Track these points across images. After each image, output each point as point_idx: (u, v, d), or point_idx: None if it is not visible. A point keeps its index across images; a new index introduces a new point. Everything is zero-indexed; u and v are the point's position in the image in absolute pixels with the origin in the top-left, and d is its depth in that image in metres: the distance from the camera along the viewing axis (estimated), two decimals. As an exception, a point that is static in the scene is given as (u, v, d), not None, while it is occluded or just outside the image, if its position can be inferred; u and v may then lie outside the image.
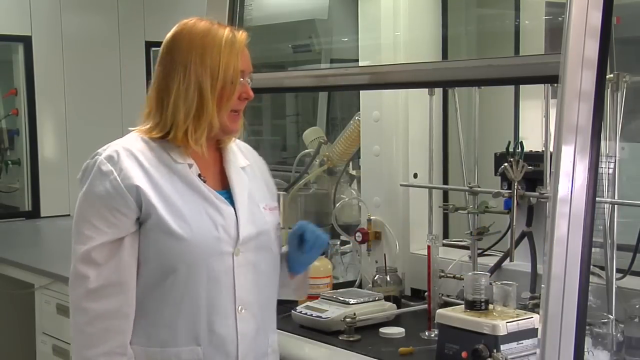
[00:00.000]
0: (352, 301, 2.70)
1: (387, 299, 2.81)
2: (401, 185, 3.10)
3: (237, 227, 1.99)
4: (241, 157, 2.13)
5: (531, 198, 2.66)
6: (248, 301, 2.00)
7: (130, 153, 1.96)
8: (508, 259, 2.68)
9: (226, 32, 2.03)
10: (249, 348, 2.01)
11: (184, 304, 1.94)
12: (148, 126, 2.01)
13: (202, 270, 1.94)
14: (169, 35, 2.05)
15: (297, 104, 6.15)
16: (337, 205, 3.48)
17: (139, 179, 1.93)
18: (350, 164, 3.69)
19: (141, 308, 1.95)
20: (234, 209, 2.01)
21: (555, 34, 3.05)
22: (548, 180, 2.55)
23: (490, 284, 2.34)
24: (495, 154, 2.78)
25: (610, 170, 2.36)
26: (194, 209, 1.96)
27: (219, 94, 1.98)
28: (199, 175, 2.01)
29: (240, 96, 2.04)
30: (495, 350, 2.13)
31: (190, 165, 1.99)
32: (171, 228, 1.92)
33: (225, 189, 2.05)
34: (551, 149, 2.26)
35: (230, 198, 2.03)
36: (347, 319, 2.56)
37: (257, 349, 2.04)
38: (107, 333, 1.90)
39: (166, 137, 1.99)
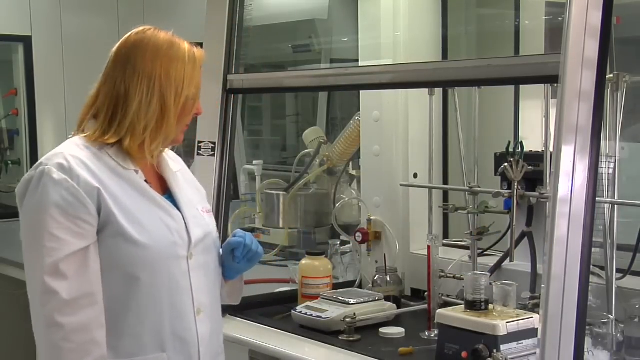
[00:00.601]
0: (352, 301, 2.70)
1: (387, 299, 2.81)
2: (401, 185, 3.10)
3: (187, 231, 1.99)
4: (171, 162, 2.10)
5: (531, 198, 2.65)
6: (204, 303, 2.00)
7: (80, 160, 1.90)
8: (508, 259, 2.68)
9: (187, 46, 2.03)
10: (207, 349, 2.02)
11: (148, 311, 1.92)
12: (96, 132, 1.96)
13: (163, 276, 1.93)
14: (128, 41, 2.01)
15: (297, 104, 6.15)
16: (337, 205, 3.48)
17: (97, 182, 1.89)
18: (350, 164, 3.69)
19: (105, 320, 1.88)
20: (180, 212, 2.00)
21: (555, 34, 3.05)
22: (548, 180, 2.55)
23: (490, 284, 2.34)
24: (495, 154, 2.78)
25: (610, 170, 2.35)
26: (148, 214, 1.94)
27: (180, 109, 1.98)
28: (145, 181, 1.98)
29: (194, 111, 2.04)
30: (495, 350, 2.13)
31: (136, 172, 1.97)
32: (131, 235, 1.89)
33: (166, 194, 2.03)
34: (551, 149, 2.25)
35: (173, 202, 2.02)
36: (347, 319, 2.56)
37: (213, 350, 2.05)
38: (86, 346, 1.84)
39: (113, 144, 1.95)
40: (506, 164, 2.52)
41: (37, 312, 1.85)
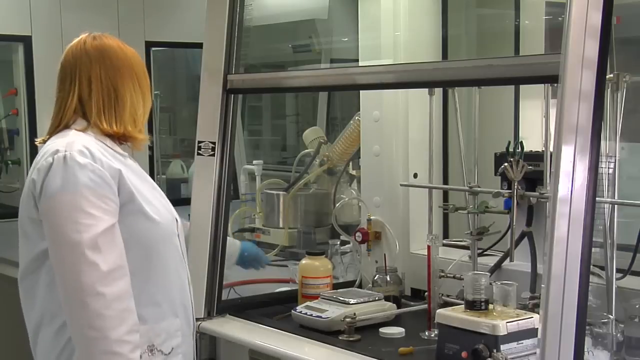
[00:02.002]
0: (352, 301, 2.70)
1: (387, 298, 2.81)
2: (401, 185, 3.10)
3: (173, 211, 2.25)
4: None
5: (531, 198, 2.65)
6: (190, 276, 2.28)
7: (95, 147, 2.09)
8: (508, 258, 2.68)
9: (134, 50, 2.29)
10: (194, 315, 2.29)
11: (165, 281, 2.15)
12: (101, 125, 2.16)
13: (172, 249, 2.18)
14: (91, 46, 2.21)
15: (297, 104, 6.15)
16: (337, 205, 3.48)
17: (117, 166, 2.08)
18: (350, 164, 3.69)
19: None
20: None
21: (555, 34, 3.05)
22: (548, 180, 2.55)
23: (490, 284, 2.34)
24: (495, 153, 2.78)
25: (610, 170, 2.35)
26: (152, 195, 2.17)
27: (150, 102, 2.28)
28: None
29: None
30: (495, 350, 2.13)
31: (132, 160, 2.21)
32: (148, 212, 2.10)
33: None
34: (551, 148, 2.25)
35: None
36: (347, 319, 2.56)
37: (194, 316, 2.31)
38: (124, 313, 1.99)
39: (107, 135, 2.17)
40: (506, 164, 2.52)
41: (74, 287, 1.97)
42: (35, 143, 2.29)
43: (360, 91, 3.23)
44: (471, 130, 2.91)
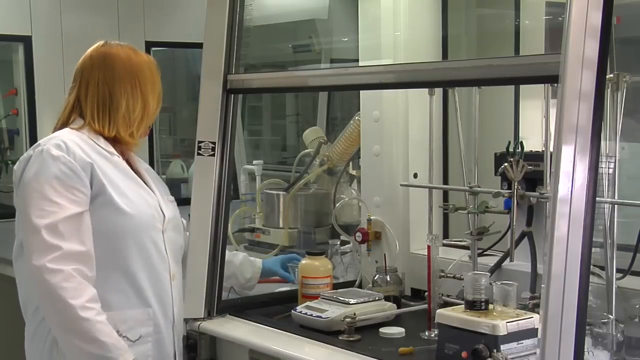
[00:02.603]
0: (352, 301, 2.70)
1: (387, 299, 2.80)
2: (401, 185, 3.10)
3: (161, 209, 2.38)
4: (141, 162, 2.50)
5: (531, 198, 2.65)
6: (175, 272, 2.40)
7: (74, 142, 2.25)
8: (508, 258, 2.68)
9: (149, 58, 2.47)
10: (179, 312, 2.41)
11: (133, 271, 2.27)
12: (88, 125, 2.34)
13: (146, 242, 2.30)
14: (98, 52, 2.42)
15: (297, 104, 6.16)
16: (337, 205, 3.48)
17: (90, 159, 2.24)
18: (350, 163, 3.69)
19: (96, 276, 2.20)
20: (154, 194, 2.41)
21: (555, 34, 3.05)
22: (548, 180, 2.55)
23: (490, 284, 2.33)
24: (495, 153, 2.78)
25: (611, 170, 2.35)
26: (131, 190, 2.31)
27: (157, 103, 2.45)
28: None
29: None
30: (495, 350, 2.13)
31: (118, 157, 2.35)
32: (119, 205, 2.24)
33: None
34: (551, 148, 2.25)
35: None
36: (347, 319, 2.56)
37: (180, 314, 2.44)
38: (83, 286, 2.13)
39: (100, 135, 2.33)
40: (506, 164, 2.52)
41: (36, 267, 2.11)
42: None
43: (360, 91, 3.23)
44: (471, 130, 2.91)
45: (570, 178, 1.77)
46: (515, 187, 2.55)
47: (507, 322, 2.17)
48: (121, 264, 2.27)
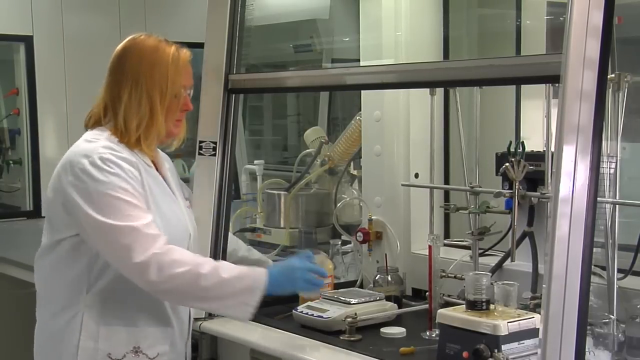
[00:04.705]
0: (353, 301, 2.70)
1: (388, 298, 2.81)
2: (402, 185, 3.10)
3: (187, 225, 2.34)
4: (163, 160, 2.39)
5: (532, 198, 2.65)
6: None
7: (118, 154, 2.17)
8: (509, 258, 2.68)
9: (172, 50, 2.25)
10: (190, 329, 2.38)
11: None
12: (108, 130, 2.23)
13: None
14: (119, 47, 2.29)
15: (298, 104, 6.16)
16: (338, 205, 3.48)
17: (137, 174, 2.17)
18: (352, 163, 3.69)
19: (119, 293, 2.17)
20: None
21: (557, 34, 3.04)
22: (549, 180, 2.55)
23: (492, 283, 2.33)
24: (497, 153, 2.78)
25: (612, 170, 2.35)
26: (167, 206, 2.25)
27: (167, 107, 2.23)
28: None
29: (181, 108, 2.28)
30: (496, 350, 2.13)
31: (154, 169, 2.27)
32: (158, 224, 2.16)
33: None
34: (552, 148, 2.25)
35: None
36: (348, 319, 2.56)
37: (190, 330, 2.40)
38: (185, 252, 2.17)
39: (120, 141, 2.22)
40: (507, 164, 2.52)
41: (145, 260, 2.06)
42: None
43: (362, 91, 3.23)
44: (472, 130, 2.91)
45: (571, 178, 1.77)
46: (517, 187, 2.54)
47: (508, 322, 2.17)
48: None
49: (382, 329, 2.62)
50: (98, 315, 2.18)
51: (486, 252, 2.88)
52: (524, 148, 2.54)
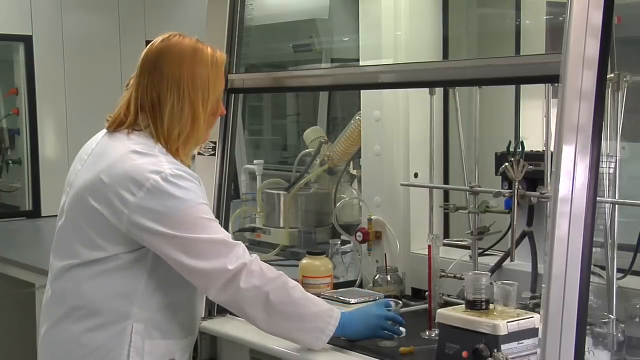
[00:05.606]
0: (352, 301, 2.70)
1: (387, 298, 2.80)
2: (402, 184, 3.09)
3: None
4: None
5: (532, 198, 2.65)
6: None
7: (183, 167, 2.12)
8: (509, 258, 2.68)
9: (210, 51, 2.15)
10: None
11: (193, 300, 2.26)
12: (150, 137, 2.12)
13: None
14: (154, 48, 2.14)
15: (298, 104, 6.15)
16: (338, 204, 3.48)
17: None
18: (351, 163, 3.69)
19: (170, 307, 2.18)
20: None
21: (556, 34, 3.04)
22: (549, 180, 2.55)
23: (491, 283, 2.33)
24: (496, 153, 2.78)
25: (611, 170, 2.35)
26: None
27: (209, 113, 2.14)
28: None
29: (219, 113, 2.22)
30: (495, 350, 2.13)
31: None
32: None
33: None
34: (552, 148, 2.25)
35: None
36: (348, 319, 2.56)
37: None
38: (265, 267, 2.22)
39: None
40: (507, 164, 2.52)
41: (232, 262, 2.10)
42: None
43: (361, 91, 3.23)
44: (472, 130, 2.91)
45: (570, 178, 1.77)
46: (516, 186, 2.54)
47: (508, 322, 2.17)
48: (185, 294, 2.22)
49: (382, 329, 2.62)
50: (144, 329, 2.14)
51: (486, 252, 2.88)
52: (523, 148, 2.54)
